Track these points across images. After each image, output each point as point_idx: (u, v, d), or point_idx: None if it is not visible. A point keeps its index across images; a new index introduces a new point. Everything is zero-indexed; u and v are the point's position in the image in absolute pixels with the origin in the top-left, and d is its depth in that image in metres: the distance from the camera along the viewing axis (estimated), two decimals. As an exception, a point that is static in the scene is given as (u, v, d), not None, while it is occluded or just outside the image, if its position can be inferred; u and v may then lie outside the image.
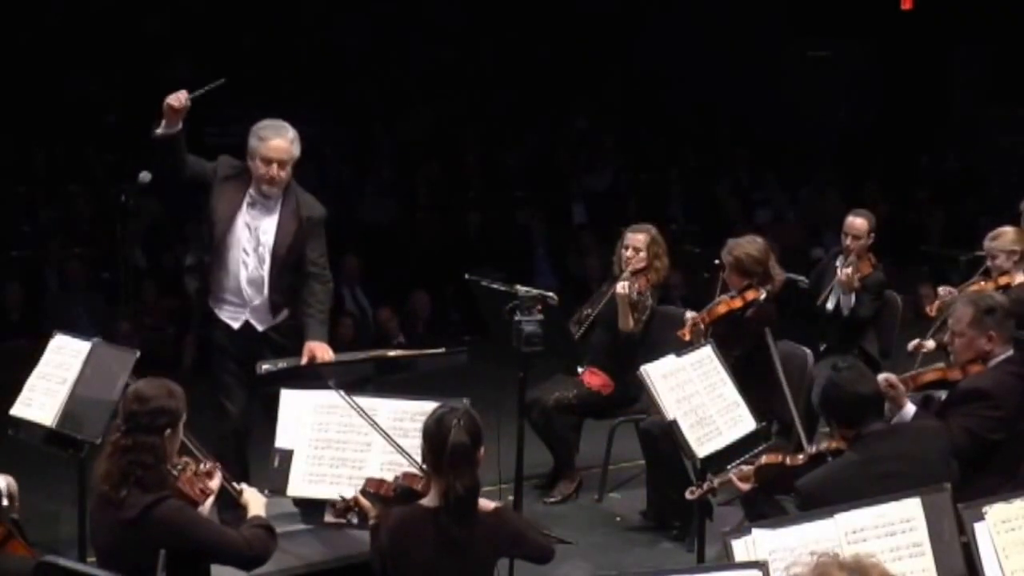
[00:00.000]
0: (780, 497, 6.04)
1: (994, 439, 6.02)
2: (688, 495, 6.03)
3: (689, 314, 7.73)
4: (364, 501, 5.44)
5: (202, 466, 5.20)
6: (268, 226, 7.06)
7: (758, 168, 16.89)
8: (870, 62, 17.97)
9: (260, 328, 7.11)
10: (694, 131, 17.58)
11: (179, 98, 6.83)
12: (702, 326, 7.59)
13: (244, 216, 7.03)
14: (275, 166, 6.95)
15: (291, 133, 7.01)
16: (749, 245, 7.77)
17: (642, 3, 18.00)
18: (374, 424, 5.92)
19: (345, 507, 5.56)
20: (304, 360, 6.90)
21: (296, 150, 7.02)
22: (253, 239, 7.04)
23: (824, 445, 5.63)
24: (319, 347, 6.94)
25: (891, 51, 17.59)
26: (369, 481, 5.53)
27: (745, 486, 5.85)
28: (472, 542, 5.01)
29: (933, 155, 17.63)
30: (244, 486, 5.38)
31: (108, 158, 14.47)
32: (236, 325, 7.08)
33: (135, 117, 15.17)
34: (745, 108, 17.47)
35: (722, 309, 7.66)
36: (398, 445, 5.79)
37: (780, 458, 5.83)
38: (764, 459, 5.89)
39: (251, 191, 7.02)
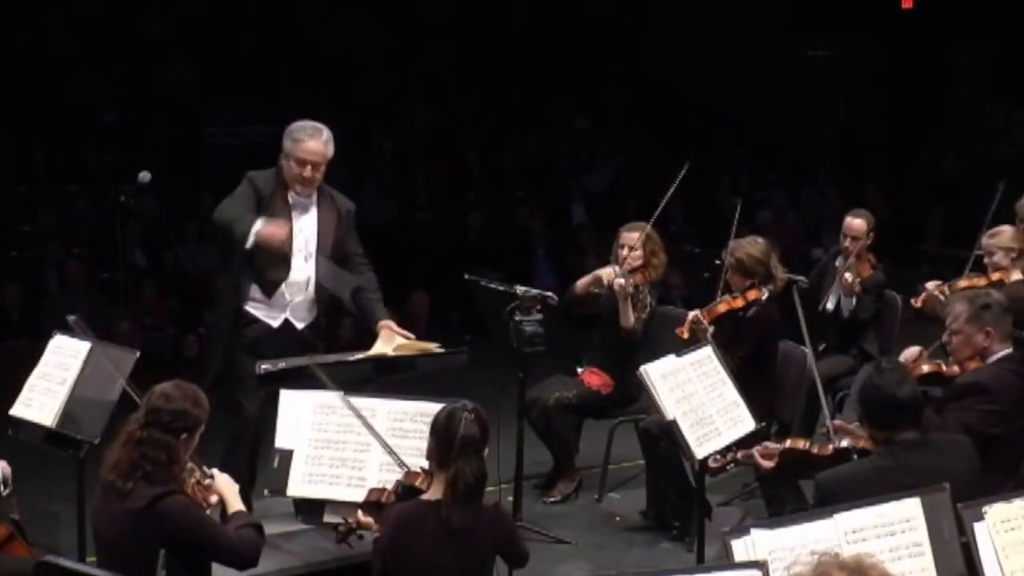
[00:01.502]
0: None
1: (991, 434, 6.01)
2: (711, 463, 6.06)
3: (691, 313, 7.73)
4: (365, 519, 5.42)
5: (206, 480, 5.21)
6: (308, 225, 7.14)
7: (758, 168, 16.89)
8: (870, 62, 17.97)
9: (299, 326, 7.17)
10: (694, 131, 17.58)
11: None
12: (704, 324, 7.59)
13: (292, 219, 7.11)
14: (309, 168, 7.03)
15: (325, 134, 7.07)
16: (751, 246, 7.79)
17: (643, 4, 18.00)
18: (369, 426, 5.92)
19: (347, 531, 5.53)
20: (380, 337, 7.01)
21: (330, 151, 7.09)
22: (299, 240, 7.10)
23: (851, 442, 5.62)
24: (390, 323, 7.10)
25: (891, 51, 17.59)
26: (371, 491, 5.52)
27: (767, 463, 5.86)
28: (473, 533, 5.03)
29: (933, 155, 17.62)
30: (215, 471, 5.32)
31: (108, 158, 14.48)
32: (276, 324, 7.13)
33: (135, 117, 15.26)
34: (745, 108, 17.48)
35: (722, 308, 7.68)
36: (387, 445, 5.78)
37: (807, 444, 5.84)
38: (790, 443, 5.91)
39: (291, 195, 7.08)
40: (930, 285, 8.39)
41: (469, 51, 17.79)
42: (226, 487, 5.29)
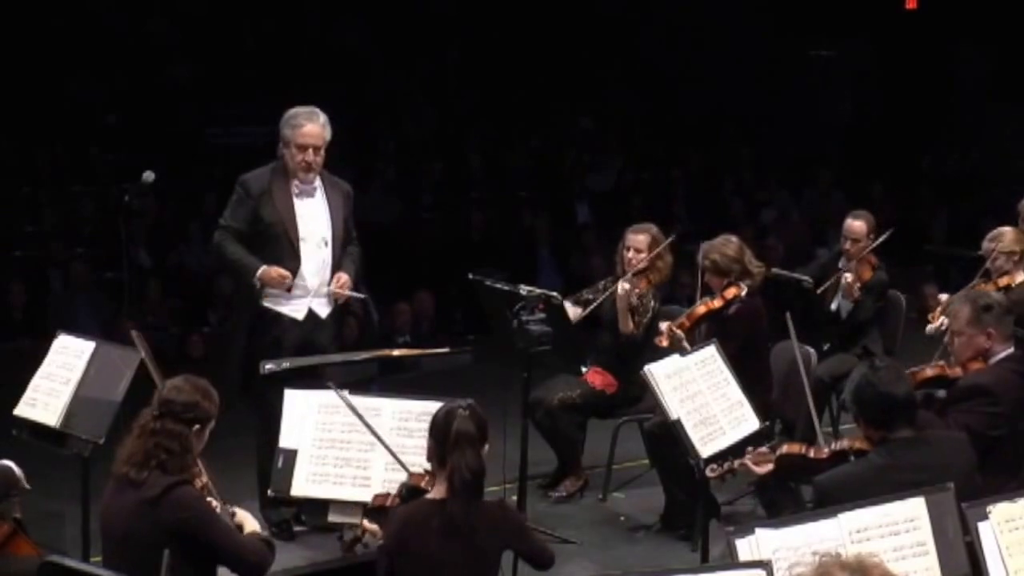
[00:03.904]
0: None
1: (994, 435, 6.01)
2: (709, 472, 6.05)
3: (664, 324, 7.72)
4: (371, 526, 5.42)
5: (207, 497, 5.25)
6: (318, 211, 7.24)
7: (761, 168, 16.89)
8: (873, 62, 17.96)
9: (323, 315, 7.21)
10: (697, 131, 17.58)
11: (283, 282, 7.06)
12: (680, 332, 7.58)
13: (297, 208, 7.13)
14: (310, 152, 7.13)
15: (322, 118, 7.16)
16: (723, 246, 7.80)
17: (645, 3, 18.00)
18: (369, 426, 5.92)
19: (353, 540, 5.54)
20: (333, 284, 7.13)
21: (328, 133, 7.19)
22: (308, 225, 7.18)
23: (846, 443, 5.61)
24: (342, 275, 7.20)
25: (894, 51, 17.58)
26: (375, 497, 5.53)
27: (762, 469, 5.85)
28: (477, 531, 5.02)
29: (935, 155, 17.61)
30: (236, 508, 5.43)
31: (111, 158, 14.49)
32: (300, 316, 7.16)
33: (138, 117, 15.26)
34: (748, 108, 17.46)
35: (701, 310, 7.68)
36: (387, 446, 5.79)
37: (803, 449, 5.83)
38: (786, 447, 5.89)
39: (295, 183, 7.12)
40: (943, 297, 8.36)
41: (472, 51, 17.78)
42: (246, 519, 5.37)
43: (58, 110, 14.98)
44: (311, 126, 7.11)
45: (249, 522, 5.37)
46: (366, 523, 5.45)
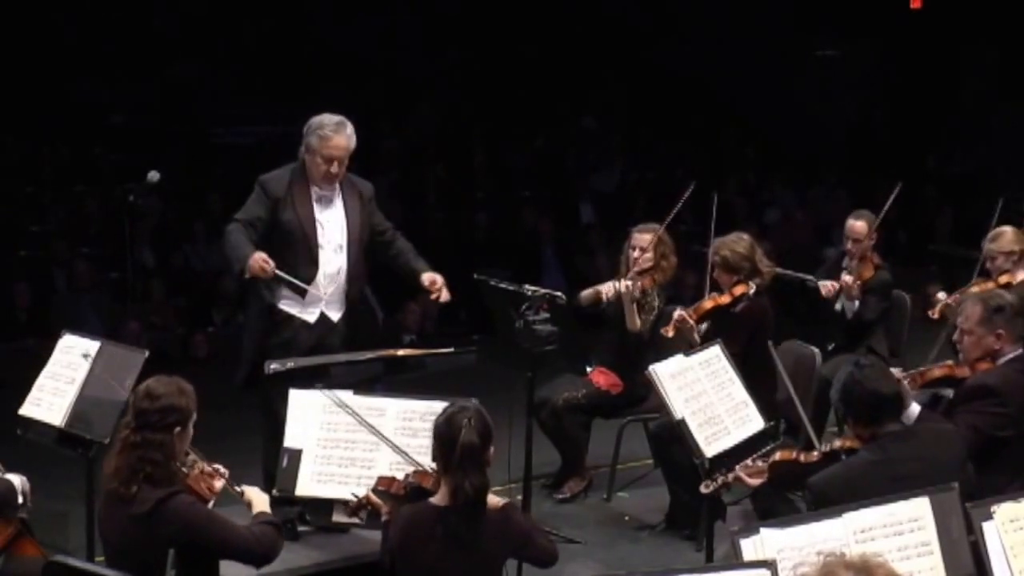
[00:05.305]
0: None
1: (1001, 436, 6.01)
2: (703, 489, 6.04)
3: (677, 312, 7.72)
4: (376, 499, 5.45)
5: (209, 466, 5.22)
6: (336, 215, 7.19)
7: (765, 168, 16.88)
8: (878, 61, 17.96)
9: (335, 318, 7.20)
10: (702, 131, 17.58)
11: (264, 269, 6.88)
12: (689, 323, 7.58)
13: (317, 215, 7.13)
14: (336, 164, 7.06)
15: (349, 128, 7.10)
16: (734, 243, 7.80)
17: (650, 3, 18.01)
18: (367, 424, 5.92)
19: (357, 505, 5.55)
20: (427, 283, 7.29)
21: (353, 143, 7.14)
22: (326, 231, 7.14)
23: (838, 443, 5.62)
24: (434, 275, 7.34)
25: (900, 50, 17.58)
26: (380, 479, 5.54)
27: (757, 481, 5.85)
28: (480, 541, 5.02)
29: (941, 154, 17.61)
30: (245, 487, 5.39)
31: (115, 158, 14.51)
32: (312, 319, 7.14)
33: (142, 117, 15.28)
34: (753, 108, 17.47)
35: (708, 304, 7.68)
36: (392, 443, 5.78)
37: (794, 455, 5.83)
38: (778, 455, 5.88)
39: (314, 188, 7.10)
40: (941, 295, 8.37)
41: (476, 51, 17.79)
42: (256, 496, 5.33)
43: (62, 110, 15.01)
44: (338, 138, 7.04)
45: (257, 500, 5.31)
46: (372, 496, 5.46)
